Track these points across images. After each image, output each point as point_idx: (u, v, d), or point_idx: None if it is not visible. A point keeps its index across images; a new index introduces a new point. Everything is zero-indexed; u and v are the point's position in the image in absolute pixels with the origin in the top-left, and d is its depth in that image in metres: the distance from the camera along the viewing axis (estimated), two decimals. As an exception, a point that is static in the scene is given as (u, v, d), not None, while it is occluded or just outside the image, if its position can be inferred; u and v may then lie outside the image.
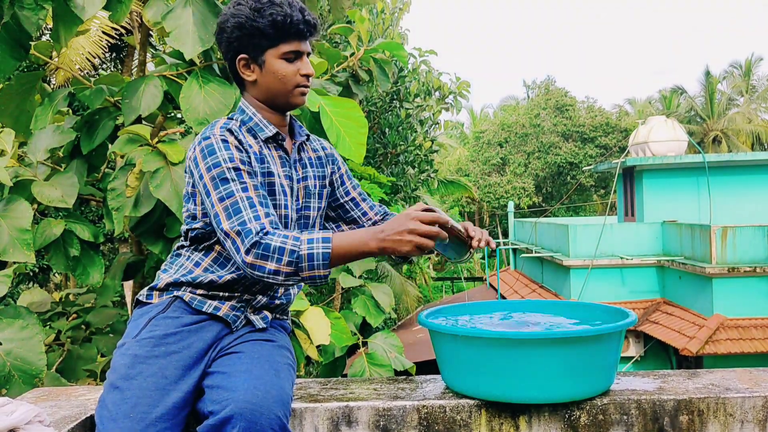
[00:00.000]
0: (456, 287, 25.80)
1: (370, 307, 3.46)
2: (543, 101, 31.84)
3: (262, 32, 1.56)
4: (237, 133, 1.59)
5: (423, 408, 1.65)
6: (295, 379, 1.59)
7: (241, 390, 1.37)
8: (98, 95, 2.82)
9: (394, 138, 9.51)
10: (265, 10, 1.55)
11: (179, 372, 1.46)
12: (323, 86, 3.16)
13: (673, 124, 14.07)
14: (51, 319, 3.38)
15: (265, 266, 1.43)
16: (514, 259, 17.81)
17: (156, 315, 1.57)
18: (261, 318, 1.65)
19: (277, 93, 1.62)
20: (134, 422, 1.36)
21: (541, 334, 1.59)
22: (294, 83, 1.61)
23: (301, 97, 1.64)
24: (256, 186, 1.53)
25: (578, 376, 1.57)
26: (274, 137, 1.65)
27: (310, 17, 1.58)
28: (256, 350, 1.53)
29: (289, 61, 1.60)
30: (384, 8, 9.69)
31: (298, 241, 1.43)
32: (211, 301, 1.59)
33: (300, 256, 1.42)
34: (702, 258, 10.20)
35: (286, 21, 1.54)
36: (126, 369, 1.45)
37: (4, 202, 2.59)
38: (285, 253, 1.42)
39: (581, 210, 31.25)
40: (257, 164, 1.58)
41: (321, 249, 1.42)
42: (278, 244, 1.43)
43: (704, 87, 30.87)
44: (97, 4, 2.38)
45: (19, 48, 2.37)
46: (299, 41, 1.59)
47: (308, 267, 1.43)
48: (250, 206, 1.48)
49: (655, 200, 13.19)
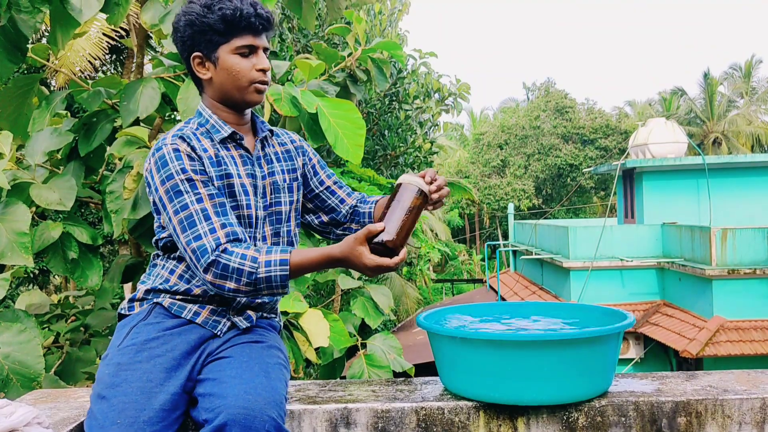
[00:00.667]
0: (456, 289, 25.79)
1: (369, 308, 3.46)
2: (543, 103, 31.86)
3: (213, 28, 1.54)
4: (190, 139, 1.57)
5: (421, 410, 1.65)
6: (289, 377, 1.58)
7: (232, 396, 1.36)
8: (96, 98, 2.82)
9: (393, 140, 9.51)
10: (214, 5, 1.54)
11: (164, 374, 1.45)
12: (321, 86, 3.15)
13: (672, 126, 14.08)
14: (50, 322, 3.37)
15: (224, 285, 1.45)
16: (514, 261, 17.81)
17: (137, 323, 1.57)
18: (245, 318, 1.63)
19: (231, 90, 1.59)
20: (123, 428, 1.35)
21: (540, 336, 1.59)
22: (249, 79, 1.58)
23: (257, 95, 1.61)
24: (212, 194, 1.52)
25: (576, 378, 1.57)
26: (231, 137, 1.63)
27: (262, 11, 1.56)
28: (245, 353, 1.52)
29: (244, 56, 1.57)
30: (381, 9, 9.70)
31: (255, 262, 1.44)
32: (190, 306, 1.59)
33: (259, 279, 1.44)
34: (702, 260, 10.19)
35: (235, 14, 1.53)
36: (110, 378, 1.44)
37: (2, 205, 2.59)
38: (243, 274, 1.44)
39: (581, 212, 31.25)
40: (212, 168, 1.56)
41: (279, 272, 1.44)
42: (236, 266, 1.44)
43: (704, 89, 30.89)
44: (94, 7, 2.37)
45: (16, 51, 2.36)
46: (253, 35, 1.57)
47: (267, 288, 1.46)
48: (205, 219, 1.48)
49: (655, 202, 13.19)
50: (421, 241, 9.15)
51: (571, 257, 11.77)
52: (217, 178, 1.56)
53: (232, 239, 1.48)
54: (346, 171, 6.35)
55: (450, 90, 10.66)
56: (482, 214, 33.17)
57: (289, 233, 1.72)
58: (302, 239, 2.95)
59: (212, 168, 1.56)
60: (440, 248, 10.78)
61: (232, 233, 1.49)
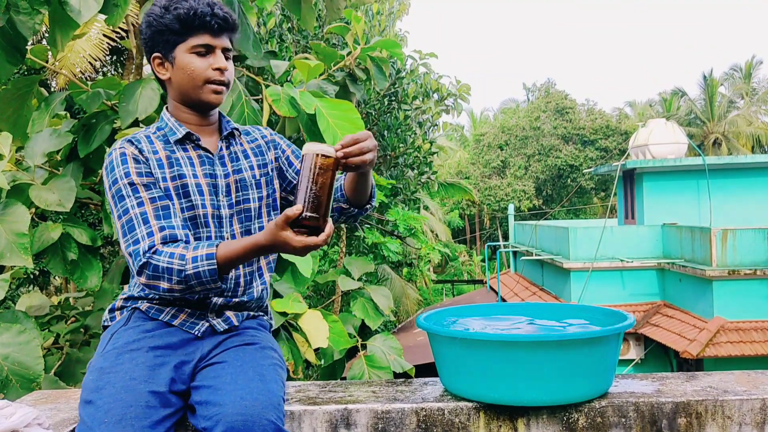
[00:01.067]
0: (456, 290, 25.78)
1: (369, 309, 3.46)
2: (543, 104, 31.87)
3: (169, 28, 1.56)
4: (139, 141, 1.59)
5: (421, 410, 1.64)
6: (285, 375, 1.58)
7: (229, 404, 1.36)
8: (95, 99, 2.82)
9: (392, 140, 9.50)
10: (171, 6, 1.55)
11: (147, 372, 1.45)
12: (321, 86, 3.15)
13: (673, 127, 14.08)
14: (50, 323, 3.37)
15: (158, 285, 1.46)
16: (515, 262, 17.80)
17: (118, 329, 1.58)
18: (223, 320, 1.62)
19: (188, 89, 1.59)
20: (110, 426, 1.34)
21: (540, 337, 1.59)
22: (204, 78, 1.58)
23: (214, 95, 1.60)
24: (153, 198, 1.53)
25: (576, 379, 1.57)
26: (187, 137, 1.63)
27: (219, 11, 1.56)
28: (239, 357, 1.51)
29: (200, 55, 1.57)
30: (380, 10, 9.70)
31: (183, 260, 1.44)
32: (167, 309, 1.59)
33: (188, 276, 1.44)
34: (702, 260, 10.19)
35: (189, 14, 1.54)
36: (94, 383, 1.44)
37: (1, 206, 2.59)
38: (173, 273, 1.44)
39: (581, 213, 31.25)
40: (161, 170, 1.57)
41: (206, 266, 1.44)
42: (165, 265, 1.45)
43: (704, 90, 30.89)
44: (93, 8, 2.37)
45: (15, 52, 2.36)
46: (210, 35, 1.57)
47: (198, 284, 1.45)
48: (143, 222, 1.50)
49: (655, 203, 13.18)
50: (421, 242, 9.14)
51: (572, 258, 11.77)
52: (170, 179, 1.57)
53: (168, 241, 1.49)
54: (346, 172, 6.34)
55: (450, 91, 10.66)
56: (482, 214, 33.17)
57: (262, 230, 1.68)
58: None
59: (161, 170, 1.57)
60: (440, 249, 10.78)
61: (170, 236, 1.49)
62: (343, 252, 8.93)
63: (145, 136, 1.62)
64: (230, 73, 1.62)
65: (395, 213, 7.83)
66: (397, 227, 8.03)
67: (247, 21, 2.91)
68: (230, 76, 1.62)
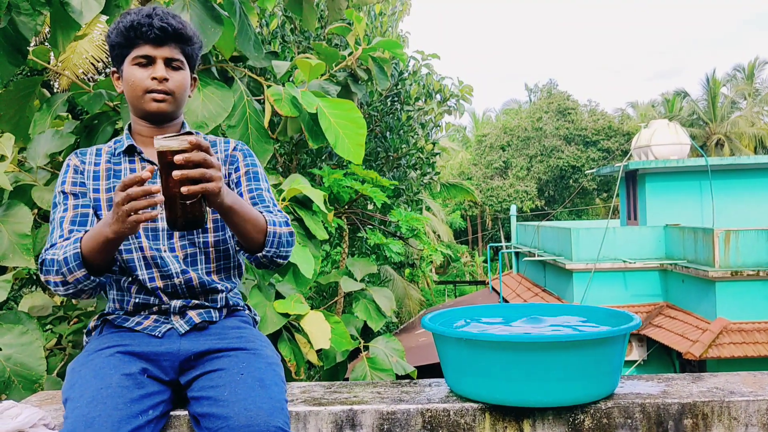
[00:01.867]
0: (458, 291, 25.77)
1: (372, 311, 3.45)
2: (545, 105, 31.86)
3: (116, 43, 1.60)
4: (85, 154, 1.67)
5: (427, 411, 1.64)
6: (282, 372, 1.57)
7: (234, 416, 1.36)
8: (97, 100, 2.81)
9: (395, 141, 9.49)
10: (119, 22, 1.59)
11: (117, 362, 1.47)
12: (322, 86, 3.15)
13: (675, 128, 14.06)
14: (52, 324, 3.37)
15: (50, 280, 1.49)
16: (517, 263, 17.79)
17: (90, 339, 1.64)
18: (186, 321, 1.61)
19: (132, 100, 1.62)
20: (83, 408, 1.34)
21: (545, 338, 1.58)
22: (143, 87, 1.58)
23: (155, 104, 1.60)
24: (77, 205, 1.59)
25: (582, 380, 1.56)
26: (128, 150, 1.67)
27: (159, 22, 1.56)
28: (234, 364, 1.51)
29: (141, 66, 1.59)
30: (382, 11, 9.69)
31: (60, 249, 1.48)
32: (134, 317, 1.61)
33: (59, 263, 1.46)
34: (705, 261, 10.17)
35: (129, 27, 1.57)
36: (68, 383, 1.47)
37: (4, 207, 2.58)
38: (54, 263, 1.47)
39: (584, 213, 31.24)
40: (94, 182, 1.63)
41: (72, 251, 1.45)
42: (50, 257, 1.49)
43: (707, 90, 30.86)
44: (95, 9, 2.37)
45: (17, 53, 2.36)
46: (150, 45, 1.58)
47: (68, 271, 1.46)
48: (59, 226, 1.56)
49: (657, 203, 13.17)
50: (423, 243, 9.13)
51: (574, 259, 11.75)
52: (104, 190, 1.62)
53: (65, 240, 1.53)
54: (349, 173, 6.34)
55: (452, 92, 10.65)
56: (485, 215, 33.16)
57: (206, 244, 1.65)
58: (304, 241, 2.94)
59: (95, 182, 1.63)
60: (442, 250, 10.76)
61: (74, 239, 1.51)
62: (346, 253, 8.92)
63: (96, 149, 1.69)
64: (175, 82, 1.60)
65: (398, 214, 7.82)
66: (400, 228, 8.02)
67: (249, 22, 2.90)
68: (174, 86, 1.60)
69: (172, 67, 1.61)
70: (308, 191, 2.88)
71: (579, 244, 11.78)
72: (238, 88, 2.86)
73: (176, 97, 1.62)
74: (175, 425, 1.58)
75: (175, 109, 1.64)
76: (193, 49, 1.66)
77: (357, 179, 6.13)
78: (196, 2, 2.59)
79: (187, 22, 1.63)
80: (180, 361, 1.55)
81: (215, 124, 2.63)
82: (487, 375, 1.57)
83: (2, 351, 2.38)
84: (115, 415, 1.32)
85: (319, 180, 7.10)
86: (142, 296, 1.60)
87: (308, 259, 2.81)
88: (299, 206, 2.97)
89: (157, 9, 1.59)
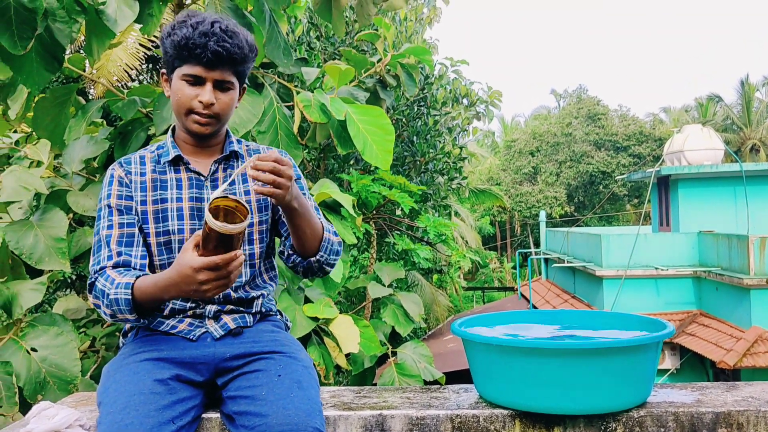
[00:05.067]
0: (487, 297, 25.61)
1: (400, 316, 3.44)
2: (575, 110, 31.57)
3: (168, 51, 1.56)
4: (129, 163, 1.63)
5: (456, 417, 1.63)
6: (316, 374, 1.58)
7: (272, 414, 1.37)
8: (131, 106, 2.86)
9: (422, 146, 9.48)
10: (175, 30, 1.54)
11: (150, 366, 1.48)
12: (351, 93, 3.16)
13: (709, 133, 13.83)
14: (86, 326, 3.42)
15: (100, 306, 1.49)
16: (546, 269, 17.62)
17: (126, 342, 1.65)
18: (220, 326, 1.62)
19: (176, 113, 1.60)
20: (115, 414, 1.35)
21: (577, 344, 1.56)
22: (187, 107, 1.56)
23: (195, 125, 1.57)
24: (123, 224, 1.57)
25: (615, 388, 1.53)
26: (175, 161, 1.64)
27: (217, 46, 1.51)
28: (271, 365, 1.52)
29: (189, 84, 1.55)
30: (407, 16, 9.70)
31: (112, 284, 1.46)
32: (169, 320, 1.62)
33: (111, 300, 1.46)
34: (739, 269, 9.96)
35: (181, 43, 1.52)
36: (102, 386, 1.48)
37: (40, 212, 2.64)
38: (105, 296, 1.47)
39: (614, 219, 30.83)
40: (141, 194, 1.60)
41: (122, 295, 1.45)
42: (100, 287, 1.48)
43: (741, 95, 30.29)
44: (129, 17, 2.41)
45: (53, 60, 2.41)
46: (202, 67, 1.53)
47: (119, 311, 1.46)
48: (106, 245, 1.55)
49: (691, 210, 12.95)
50: (451, 249, 9.10)
51: (604, 265, 11.60)
52: (150, 202, 1.60)
53: (119, 266, 1.53)
54: (377, 178, 6.35)
55: (481, 97, 10.61)
56: (513, 221, 32.93)
57: (252, 256, 1.66)
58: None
59: (142, 193, 1.60)
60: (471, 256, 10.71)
61: (123, 261, 1.53)
62: (374, 258, 8.93)
63: (140, 157, 1.66)
64: (222, 104, 1.58)
65: (425, 219, 7.80)
66: (427, 234, 8.01)
67: (278, 29, 2.93)
68: (220, 108, 1.58)
69: (222, 89, 1.57)
70: (338, 196, 2.89)
71: (609, 250, 11.63)
72: (268, 95, 2.88)
73: (220, 119, 1.60)
74: (206, 428, 1.59)
75: (219, 129, 1.63)
76: (247, 66, 1.62)
77: (385, 184, 6.14)
78: (227, 9, 2.62)
79: (244, 41, 1.57)
80: (215, 363, 1.56)
81: (245, 130, 2.65)
82: (518, 381, 1.55)
83: (38, 352, 2.43)
84: (147, 422, 1.34)
85: (346, 185, 7.12)
86: (179, 302, 1.62)
87: (337, 263, 2.82)
88: (328, 211, 2.99)
89: (216, 26, 1.52)
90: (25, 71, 2.39)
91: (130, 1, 2.44)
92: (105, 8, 2.39)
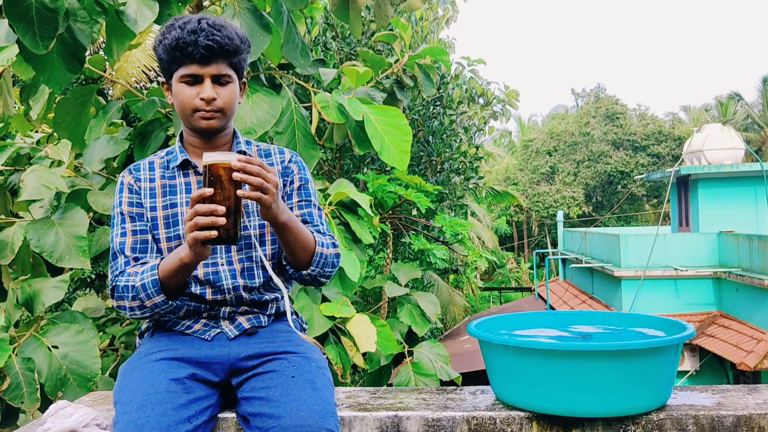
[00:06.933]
0: (504, 297, 25.51)
1: (416, 316, 3.44)
2: (593, 109, 31.33)
3: (162, 58, 1.58)
4: (138, 170, 1.67)
5: (473, 419, 1.62)
6: (331, 378, 1.58)
7: (286, 415, 1.37)
8: (150, 107, 2.89)
9: (437, 146, 9.46)
10: (165, 35, 1.55)
11: (166, 366, 1.49)
12: (368, 93, 3.17)
13: (729, 132, 13.65)
14: (105, 325, 3.46)
15: (124, 306, 1.53)
16: (563, 270, 17.51)
17: (142, 342, 1.69)
18: (235, 327, 1.63)
19: (182, 116, 1.61)
20: (131, 413, 1.36)
21: (596, 346, 1.55)
22: (191, 107, 1.57)
23: (203, 121, 1.59)
24: (135, 231, 1.61)
25: (634, 390, 1.52)
26: (183, 165, 1.65)
27: (206, 40, 1.52)
28: (285, 366, 1.52)
29: (189, 85, 1.56)
30: (423, 16, 9.67)
31: (136, 276, 1.51)
32: (184, 321, 1.64)
33: (136, 289, 1.50)
34: (761, 270, 9.83)
35: (173, 45, 1.53)
36: (119, 385, 1.49)
37: (61, 210, 2.67)
38: (129, 290, 1.51)
39: (633, 220, 30.57)
40: (151, 200, 1.63)
41: (149, 277, 1.49)
42: (123, 284, 1.52)
43: (762, 94, 29.85)
44: (149, 18, 2.43)
45: (74, 60, 2.43)
46: (196, 64, 1.54)
47: (146, 297, 1.50)
48: (121, 253, 1.59)
49: (710, 210, 12.80)
50: (468, 249, 9.08)
51: (623, 266, 11.50)
52: (161, 207, 1.63)
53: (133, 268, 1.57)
54: (393, 178, 6.35)
55: (498, 97, 10.57)
56: (531, 221, 32.76)
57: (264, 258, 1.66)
58: (350, 245, 2.96)
59: (152, 199, 1.63)
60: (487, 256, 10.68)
61: (140, 265, 1.57)
62: (390, 258, 8.93)
63: (149, 163, 1.69)
64: (223, 98, 1.58)
65: (442, 219, 7.78)
66: (444, 234, 7.99)
67: (296, 30, 2.94)
68: (223, 102, 1.59)
69: (220, 83, 1.58)
70: (355, 195, 2.90)
71: (628, 250, 11.53)
72: (285, 95, 2.90)
73: (225, 113, 1.61)
74: (222, 427, 1.60)
75: (225, 123, 1.64)
76: (241, 58, 1.63)
77: (401, 184, 6.14)
78: (246, 11, 2.63)
79: (233, 33, 1.58)
80: (230, 363, 1.57)
81: (263, 130, 2.67)
82: (535, 383, 1.54)
83: (59, 349, 2.46)
84: (164, 421, 1.34)
85: (363, 185, 7.13)
86: (194, 303, 1.63)
87: (354, 263, 2.83)
88: (345, 210, 2.99)
89: (203, 22, 1.54)
90: (47, 71, 2.43)
91: (150, 2, 2.46)
92: (125, 9, 2.42)
